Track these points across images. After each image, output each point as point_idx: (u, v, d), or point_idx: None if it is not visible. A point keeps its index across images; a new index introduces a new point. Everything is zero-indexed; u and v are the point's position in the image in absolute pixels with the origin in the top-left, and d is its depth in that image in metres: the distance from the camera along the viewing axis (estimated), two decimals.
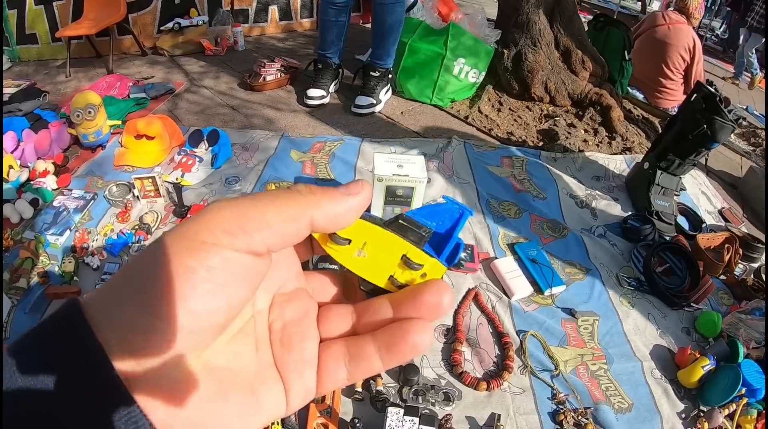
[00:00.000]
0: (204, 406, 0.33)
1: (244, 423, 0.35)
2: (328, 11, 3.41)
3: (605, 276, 2.26)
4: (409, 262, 0.39)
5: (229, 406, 0.34)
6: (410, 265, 0.39)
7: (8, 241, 2.24)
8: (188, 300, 0.31)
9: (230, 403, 0.34)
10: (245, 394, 0.35)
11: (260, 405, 0.36)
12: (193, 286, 0.31)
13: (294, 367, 0.38)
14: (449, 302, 0.38)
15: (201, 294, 0.31)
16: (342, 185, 0.38)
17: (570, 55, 3.79)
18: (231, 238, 0.32)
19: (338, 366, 0.39)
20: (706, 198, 3.00)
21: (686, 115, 2.60)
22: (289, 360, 0.38)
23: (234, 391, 0.35)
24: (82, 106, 2.81)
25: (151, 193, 2.48)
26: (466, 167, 2.90)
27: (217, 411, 0.34)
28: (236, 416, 0.34)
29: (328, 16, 3.44)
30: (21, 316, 1.92)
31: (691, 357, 1.88)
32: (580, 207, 2.68)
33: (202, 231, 0.32)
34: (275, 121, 3.38)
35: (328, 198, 0.36)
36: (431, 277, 0.40)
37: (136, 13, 4.61)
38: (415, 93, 3.70)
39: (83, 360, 0.30)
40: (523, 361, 1.83)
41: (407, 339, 0.37)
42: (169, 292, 0.31)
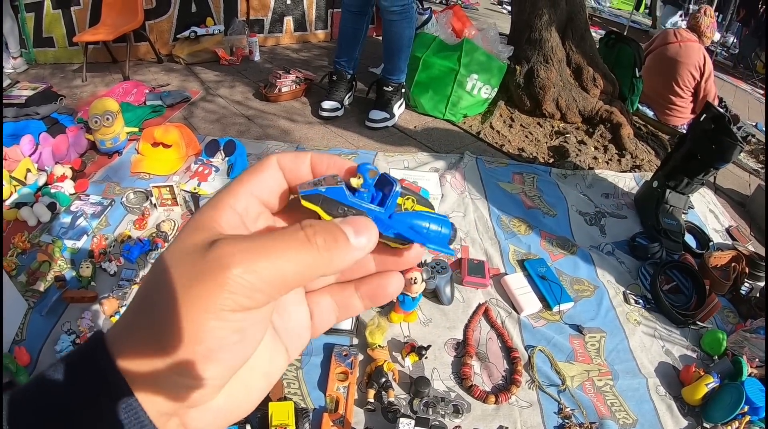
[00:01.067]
0: (230, 405, 0.36)
1: (259, 395, 0.39)
2: (345, 16, 3.48)
3: (613, 293, 2.29)
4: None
5: (250, 393, 0.38)
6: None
7: (25, 244, 2.27)
8: (219, 361, 0.32)
9: (252, 391, 0.38)
10: (258, 378, 0.39)
11: (269, 377, 0.40)
12: (222, 347, 0.32)
13: (289, 317, 0.41)
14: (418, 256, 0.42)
15: (228, 348, 0.32)
16: (350, 223, 0.36)
17: (581, 72, 3.83)
18: (251, 302, 0.32)
19: (328, 308, 0.43)
20: (714, 216, 3.01)
21: (695, 134, 2.62)
22: (287, 327, 0.41)
23: (250, 380, 0.38)
24: (101, 112, 2.84)
25: (168, 201, 2.52)
26: (478, 183, 2.93)
27: (239, 401, 0.37)
28: (251, 398, 0.38)
29: (345, 22, 3.50)
30: (37, 318, 1.95)
31: (695, 374, 1.89)
32: (590, 224, 2.71)
33: (224, 294, 0.31)
34: (290, 133, 3.42)
35: (341, 254, 0.35)
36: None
37: (153, 20, 4.65)
38: (428, 107, 3.74)
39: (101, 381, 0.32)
40: (531, 375, 1.86)
41: (387, 291, 0.43)
42: (193, 309, 0.31)
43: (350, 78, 3.72)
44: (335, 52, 3.76)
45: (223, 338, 0.32)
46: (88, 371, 0.32)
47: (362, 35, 3.58)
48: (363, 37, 3.59)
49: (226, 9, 4.90)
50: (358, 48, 3.63)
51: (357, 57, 3.70)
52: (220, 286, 0.31)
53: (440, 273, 2.09)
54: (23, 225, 2.41)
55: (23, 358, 1.76)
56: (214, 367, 0.32)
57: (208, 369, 0.32)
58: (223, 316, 0.31)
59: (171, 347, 0.31)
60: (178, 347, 0.31)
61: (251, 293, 0.31)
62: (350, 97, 3.79)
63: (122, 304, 1.97)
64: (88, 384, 0.32)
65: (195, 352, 0.31)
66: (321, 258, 0.34)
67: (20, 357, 1.75)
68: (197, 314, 0.31)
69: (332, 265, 0.35)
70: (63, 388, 0.32)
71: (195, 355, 0.31)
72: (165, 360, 0.31)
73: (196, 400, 0.33)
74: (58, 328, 1.90)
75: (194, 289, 0.31)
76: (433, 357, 1.89)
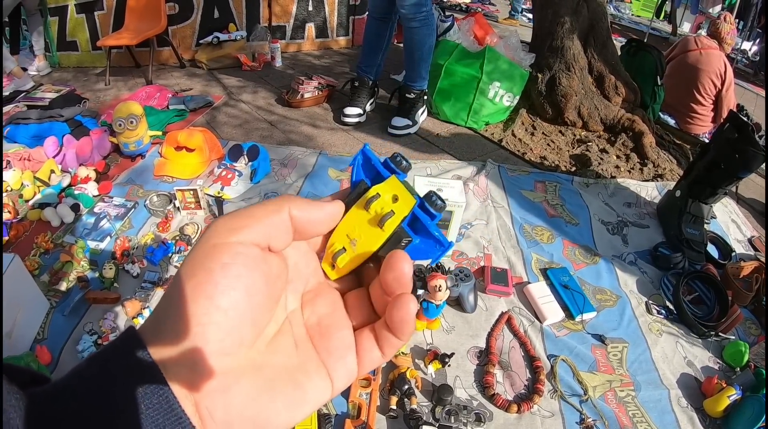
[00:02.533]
0: (254, 401, 0.37)
1: (292, 413, 0.39)
2: (369, 22, 3.54)
3: (635, 303, 2.28)
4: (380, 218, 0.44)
5: (276, 399, 0.38)
6: (381, 222, 0.44)
7: (48, 244, 2.32)
8: (214, 298, 0.35)
9: (277, 396, 0.38)
10: (290, 387, 0.39)
11: (305, 396, 0.40)
12: (215, 283, 0.36)
13: (336, 353, 0.43)
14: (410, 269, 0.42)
15: (222, 290, 0.36)
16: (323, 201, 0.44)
17: (603, 81, 3.82)
18: (234, 235, 0.38)
19: (371, 346, 0.43)
20: (736, 226, 2.99)
21: (718, 143, 2.60)
22: (330, 348, 0.43)
23: (280, 385, 0.39)
24: (125, 115, 2.89)
25: (192, 204, 2.54)
26: (501, 191, 2.94)
27: (266, 404, 0.38)
28: (284, 408, 0.38)
29: (369, 28, 3.55)
30: (59, 318, 1.98)
31: (717, 386, 1.88)
32: (612, 233, 2.71)
33: (212, 237, 0.38)
34: (313, 138, 3.45)
35: (301, 199, 0.42)
36: (402, 202, 0.45)
37: (176, 25, 4.73)
38: (450, 115, 3.76)
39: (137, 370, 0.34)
40: (554, 385, 1.86)
41: (394, 321, 0.42)
42: (200, 296, 0.35)
43: (372, 85, 3.74)
44: (358, 58, 3.78)
45: (217, 283, 0.36)
46: (125, 360, 0.35)
47: (385, 42, 3.60)
48: (386, 44, 3.61)
49: (248, 15, 4.96)
50: (381, 55, 3.66)
51: (380, 64, 3.72)
52: (211, 231, 0.38)
53: (464, 281, 2.10)
54: (47, 225, 2.46)
55: (44, 357, 1.79)
56: (215, 331, 0.35)
57: (210, 336, 0.35)
58: (216, 258, 0.37)
59: (177, 318, 0.36)
60: (181, 314, 0.35)
61: (229, 225, 0.39)
62: (372, 103, 3.81)
63: (144, 306, 2.02)
64: (125, 372, 0.34)
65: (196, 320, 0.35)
66: (281, 198, 0.42)
67: (41, 356, 1.79)
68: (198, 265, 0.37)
69: (293, 201, 0.42)
70: (102, 380, 0.34)
71: (197, 326, 0.35)
72: (175, 338, 0.35)
73: (213, 380, 0.36)
74: (80, 328, 1.94)
75: (190, 268, 0.37)
76: (456, 365, 1.89)
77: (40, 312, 1.97)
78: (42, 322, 1.95)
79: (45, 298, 2.01)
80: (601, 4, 3.95)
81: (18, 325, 1.80)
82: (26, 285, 1.89)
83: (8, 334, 1.74)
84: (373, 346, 0.44)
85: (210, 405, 0.35)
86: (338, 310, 0.45)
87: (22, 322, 1.82)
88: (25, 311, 1.86)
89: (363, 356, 0.44)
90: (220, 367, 0.36)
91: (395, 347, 0.44)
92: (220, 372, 0.36)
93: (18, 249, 2.29)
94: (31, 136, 3.06)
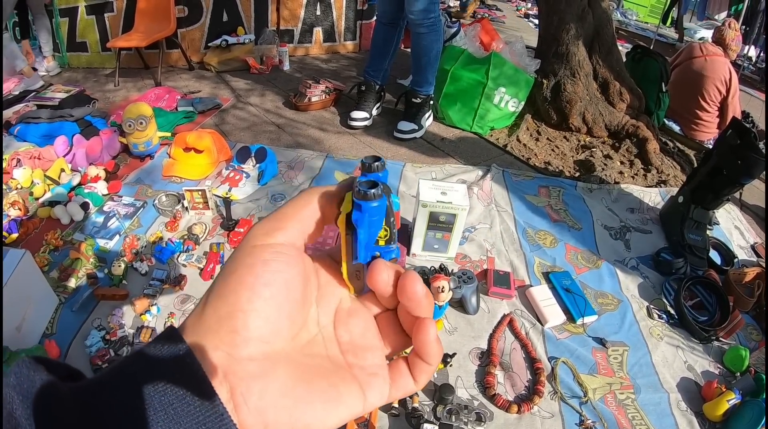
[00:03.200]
0: (291, 391, 0.38)
1: (327, 412, 0.39)
2: (377, 27, 3.56)
3: (636, 307, 2.29)
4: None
5: (313, 393, 0.39)
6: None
7: (58, 241, 2.35)
8: (255, 288, 0.38)
9: (314, 391, 0.39)
10: (326, 384, 0.40)
11: (341, 398, 0.40)
12: (256, 275, 0.38)
13: (369, 370, 0.43)
14: (422, 289, 0.42)
15: (263, 282, 0.38)
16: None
17: (608, 87, 3.84)
18: (272, 237, 0.41)
19: (405, 372, 0.44)
20: (739, 232, 2.99)
21: (721, 150, 2.61)
22: (363, 366, 0.43)
23: (316, 382, 0.40)
24: (135, 116, 2.92)
25: (200, 205, 2.57)
26: (505, 195, 2.96)
27: (302, 396, 0.38)
28: (320, 404, 0.39)
29: (376, 33, 3.57)
30: (68, 313, 2.01)
31: (717, 390, 1.88)
32: (614, 238, 2.72)
33: (250, 240, 0.41)
34: (320, 142, 3.47)
35: (325, 188, 0.44)
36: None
37: (185, 28, 4.75)
38: (456, 120, 3.78)
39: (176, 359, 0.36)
40: (554, 386, 1.88)
41: (420, 346, 0.43)
42: (241, 287, 0.38)
43: (379, 89, 3.77)
44: (366, 62, 3.80)
45: (258, 276, 0.39)
46: (160, 351, 0.36)
47: (393, 47, 3.62)
48: (394, 48, 3.63)
49: (256, 19, 4.98)
50: (389, 59, 3.68)
51: (387, 68, 3.74)
52: (250, 235, 0.42)
53: (466, 283, 2.12)
54: (56, 223, 2.49)
55: (53, 351, 1.83)
56: (255, 317, 0.38)
57: (250, 322, 0.37)
58: (256, 255, 0.40)
59: (219, 306, 0.38)
60: (221, 306, 0.38)
61: (265, 229, 0.42)
62: (378, 108, 3.84)
63: (152, 303, 2.04)
64: (158, 361, 0.36)
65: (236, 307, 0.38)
66: (307, 191, 0.44)
67: (50, 350, 1.82)
68: (240, 263, 0.40)
69: (319, 189, 0.44)
70: (137, 371, 0.35)
71: (238, 312, 0.37)
72: (215, 324, 0.38)
73: (250, 364, 0.37)
74: (88, 324, 1.96)
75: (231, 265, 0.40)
76: (458, 365, 1.91)
77: (49, 307, 2.00)
78: (51, 317, 1.98)
79: (54, 294, 2.04)
80: (606, 10, 3.96)
81: (27, 320, 1.83)
82: (36, 280, 1.92)
83: (17, 328, 1.77)
84: (405, 371, 0.45)
85: (245, 391, 0.36)
86: (371, 331, 0.46)
87: (31, 316, 1.85)
88: (35, 306, 1.89)
89: (397, 381, 0.44)
90: (258, 353, 0.38)
91: (426, 373, 0.45)
92: (258, 358, 0.37)
93: (28, 245, 2.32)
94: (41, 135, 3.09)
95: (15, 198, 2.48)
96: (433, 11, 3.25)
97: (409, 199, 2.85)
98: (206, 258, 2.30)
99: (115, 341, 1.87)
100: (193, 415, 0.34)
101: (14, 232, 2.36)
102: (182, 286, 2.16)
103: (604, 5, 3.96)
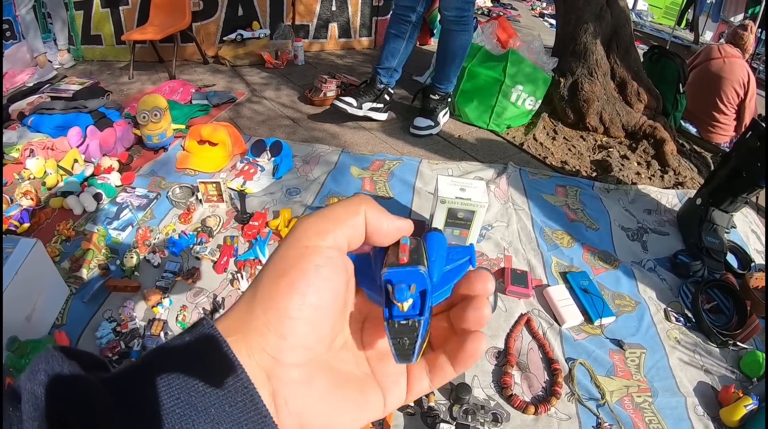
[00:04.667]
0: (329, 396, 0.40)
1: (355, 415, 0.41)
2: (391, 23, 3.49)
3: (653, 310, 2.27)
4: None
5: (348, 399, 0.41)
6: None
7: (70, 232, 2.34)
8: (306, 295, 0.38)
9: (348, 396, 0.41)
10: (356, 391, 0.42)
11: (367, 404, 0.43)
12: (308, 283, 0.38)
13: (391, 377, 0.45)
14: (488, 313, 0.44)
15: (315, 290, 0.38)
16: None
17: (625, 87, 3.82)
18: (323, 239, 0.40)
19: (422, 376, 0.46)
20: (756, 237, 2.96)
21: (741, 152, 2.58)
22: (386, 371, 0.45)
23: (350, 389, 0.42)
24: (149, 108, 2.91)
25: (214, 197, 2.56)
26: (522, 194, 2.95)
27: (338, 402, 0.40)
28: (352, 409, 0.41)
29: (389, 27, 3.50)
30: (78, 304, 2.00)
31: (734, 395, 1.86)
32: (632, 240, 2.70)
33: (301, 238, 0.40)
34: (336, 137, 3.46)
35: (376, 204, 0.44)
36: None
37: (200, 22, 4.75)
38: (472, 117, 3.77)
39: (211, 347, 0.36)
40: (571, 388, 1.86)
41: (466, 354, 0.44)
42: (293, 292, 0.38)
43: (382, 87, 3.68)
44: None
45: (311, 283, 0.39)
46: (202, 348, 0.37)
47: (404, 45, 3.53)
48: (404, 47, 3.54)
49: (272, 13, 4.98)
50: (398, 57, 3.59)
51: (395, 68, 3.65)
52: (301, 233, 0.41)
53: None
54: (68, 213, 2.49)
55: (63, 341, 1.82)
56: (303, 325, 0.38)
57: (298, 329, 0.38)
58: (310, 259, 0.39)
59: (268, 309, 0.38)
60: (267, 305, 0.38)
61: (317, 229, 0.41)
62: (373, 106, 3.68)
63: (165, 295, 2.03)
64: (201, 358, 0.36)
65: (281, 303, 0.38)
66: (357, 197, 0.44)
67: (60, 341, 1.82)
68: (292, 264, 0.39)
69: (369, 201, 0.44)
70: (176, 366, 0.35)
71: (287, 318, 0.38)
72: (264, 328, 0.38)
73: (296, 370, 0.38)
74: (98, 315, 1.95)
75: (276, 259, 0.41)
76: (475, 364, 1.89)
77: (60, 297, 1.99)
78: (61, 308, 1.97)
79: (65, 284, 2.03)
80: (624, 9, 3.94)
81: (38, 310, 1.82)
82: (47, 270, 1.91)
83: (27, 318, 1.77)
84: (423, 376, 0.46)
85: (288, 395, 0.38)
86: None
87: (41, 306, 1.85)
88: (45, 296, 1.88)
89: (413, 384, 0.46)
90: (302, 360, 0.39)
91: (447, 379, 0.46)
92: (301, 364, 0.39)
93: (39, 235, 2.31)
94: (54, 126, 3.09)
95: (27, 188, 2.47)
96: (467, 10, 3.24)
97: (426, 195, 2.84)
98: (220, 251, 2.29)
99: (126, 333, 1.85)
100: (235, 416, 0.34)
101: (26, 221, 2.36)
102: (195, 279, 2.15)
103: (622, 4, 3.93)
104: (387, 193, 2.85)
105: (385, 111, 3.73)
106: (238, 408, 0.34)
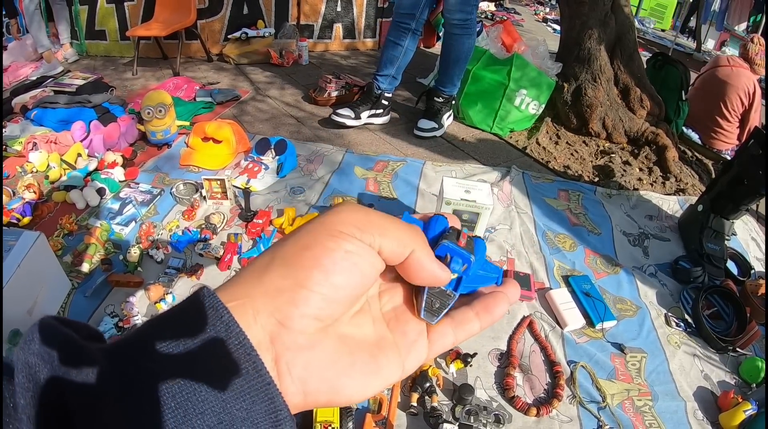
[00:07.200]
0: (334, 363, 0.39)
1: (365, 384, 0.41)
2: (390, 30, 3.47)
3: (654, 314, 2.28)
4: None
5: (354, 366, 0.40)
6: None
7: (73, 226, 2.35)
8: (330, 274, 0.38)
9: (356, 363, 0.41)
10: (368, 357, 0.42)
11: (380, 370, 0.42)
12: (334, 262, 0.38)
13: (409, 336, 0.45)
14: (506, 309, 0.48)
15: (340, 270, 0.38)
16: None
17: (629, 93, 3.83)
18: (361, 233, 0.39)
19: (446, 332, 0.46)
20: (756, 244, 2.97)
21: (743, 159, 2.59)
22: (405, 331, 0.45)
23: (359, 354, 0.41)
24: (154, 104, 2.93)
25: (218, 194, 2.57)
26: (524, 197, 2.96)
27: (344, 369, 0.40)
28: (359, 376, 0.40)
29: (389, 35, 3.48)
30: (80, 298, 2.00)
31: (733, 401, 1.87)
32: (633, 245, 2.71)
33: (339, 223, 0.40)
34: (340, 136, 3.48)
35: (429, 251, 0.43)
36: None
37: (205, 19, 4.77)
38: (476, 120, 3.78)
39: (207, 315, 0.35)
40: (573, 391, 1.87)
41: (499, 304, 0.47)
42: (315, 267, 0.38)
43: (378, 95, 3.65)
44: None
45: (337, 263, 0.38)
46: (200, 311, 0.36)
47: (403, 52, 3.50)
48: (402, 55, 3.51)
49: (277, 12, 5.00)
50: (397, 65, 3.56)
51: (394, 76, 3.63)
52: (340, 218, 0.41)
53: None
54: (71, 207, 2.49)
55: None
56: (319, 300, 0.38)
57: (313, 302, 0.38)
58: (340, 243, 0.39)
59: (284, 275, 0.38)
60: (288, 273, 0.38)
61: (360, 224, 0.40)
62: (372, 113, 3.67)
63: (167, 291, 2.03)
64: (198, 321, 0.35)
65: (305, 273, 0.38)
66: (415, 233, 0.43)
67: None
68: (320, 241, 0.39)
69: (423, 247, 0.43)
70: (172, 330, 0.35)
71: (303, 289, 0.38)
72: (275, 292, 0.38)
73: (300, 336, 0.38)
74: (100, 310, 1.96)
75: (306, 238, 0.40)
76: (477, 366, 1.90)
77: (62, 291, 2.00)
78: (63, 302, 1.98)
79: (67, 278, 2.04)
80: (628, 16, 3.95)
81: (39, 303, 1.82)
82: (49, 263, 1.91)
83: (29, 312, 1.77)
84: (447, 331, 0.47)
85: (291, 360, 0.37)
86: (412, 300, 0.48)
87: (43, 300, 1.85)
88: (47, 290, 1.88)
89: (435, 340, 0.46)
90: (310, 328, 0.38)
91: (472, 333, 0.47)
92: (308, 332, 0.38)
93: (41, 229, 2.29)
94: (58, 120, 3.09)
95: (30, 181, 2.48)
96: (470, 14, 3.25)
97: (429, 197, 2.85)
98: (223, 248, 2.29)
99: (128, 328, 1.85)
100: (237, 384, 0.34)
101: (28, 214, 2.37)
102: (198, 275, 2.15)
103: (627, 11, 3.94)
104: (391, 193, 2.86)
105: (386, 114, 3.74)
106: (241, 375, 0.34)
